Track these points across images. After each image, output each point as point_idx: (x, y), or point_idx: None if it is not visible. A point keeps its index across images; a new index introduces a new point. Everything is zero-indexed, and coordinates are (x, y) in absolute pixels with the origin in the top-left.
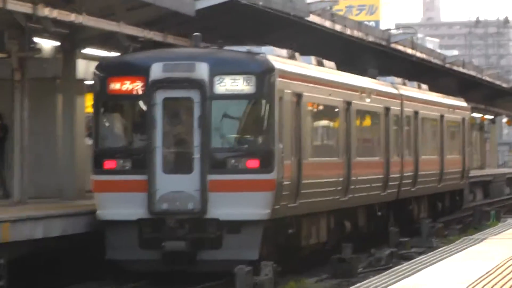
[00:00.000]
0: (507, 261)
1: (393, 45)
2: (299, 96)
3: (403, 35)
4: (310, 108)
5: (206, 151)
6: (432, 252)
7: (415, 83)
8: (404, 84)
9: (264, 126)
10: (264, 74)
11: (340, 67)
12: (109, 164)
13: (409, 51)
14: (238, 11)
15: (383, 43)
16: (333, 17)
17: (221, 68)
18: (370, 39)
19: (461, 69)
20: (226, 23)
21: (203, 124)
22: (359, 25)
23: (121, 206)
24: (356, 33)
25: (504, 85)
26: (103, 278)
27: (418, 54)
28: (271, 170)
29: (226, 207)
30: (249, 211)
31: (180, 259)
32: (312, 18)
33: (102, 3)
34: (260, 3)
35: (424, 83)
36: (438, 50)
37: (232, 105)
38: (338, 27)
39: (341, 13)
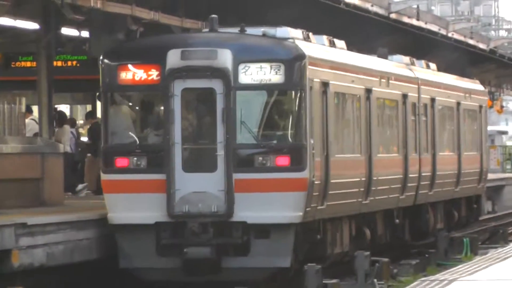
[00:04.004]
0: None
1: None
2: (325, 85)
3: None
4: (335, 98)
5: (231, 147)
6: None
7: (423, 62)
8: (413, 64)
9: (294, 120)
10: (294, 62)
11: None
12: (121, 162)
13: None
14: None
15: None
16: None
17: (246, 55)
18: None
19: (414, 22)
20: None
21: (227, 118)
22: None
23: (136, 209)
24: None
25: (482, 46)
26: None
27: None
28: (303, 168)
29: (254, 209)
30: (280, 214)
31: (203, 267)
32: None
33: None
34: None
35: (354, 42)
36: None
37: (259, 96)
38: None
39: None
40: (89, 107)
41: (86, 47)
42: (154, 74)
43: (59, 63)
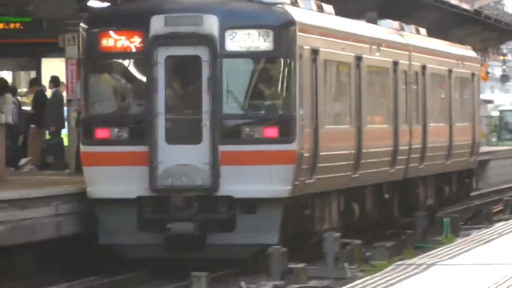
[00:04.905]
0: None
1: None
2: (315, 52)
3: None
4: (325, 66)
5: (217, 117)
6: None
7: (413, 27)
8: (403, 29)
9: (283, 89)
10: (283, 28)
11: None
12: (101, 133)
13: None
14: None
15: None
16: None
17: (233, 21)
18: None
19: None
20: None
21: (213, 87)
22: None
23: (117, 182)
24: None
25: (465, 6)
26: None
27: None
28: (292, 139)
29: (241, 182)
30: (267, 188)
31: (187, 244)
32: None
33: None
34: None
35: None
36: None
37: (246, 64)
38: None
39: None
40: (33, 74)
41: (30, 8)
42: (137, 41)
43: (1, 26)
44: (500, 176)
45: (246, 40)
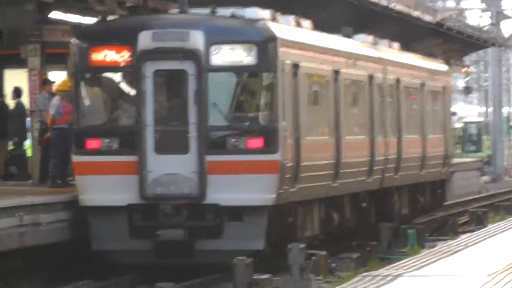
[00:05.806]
0: None
1: None
2: (296, 66)
3: None
4: (305, 80)
5: (203, 129)
6: None
7: (386, 42)
8: (376, 43)
9: (267, 102)
10: (266, 43)
11: None
12: (92, 143)
13: None
14: None
15: None
16: None
17: (218, 36)
18: None
19: None
20: None
21: (199, 100)
22: None
23: (108, 191)
24: None
25: (427, 18)
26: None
27: None
28: (275, 150)
29: (227, 191)
30: (253, 196)
31: (176, 250)
32: None
33: None
34: None
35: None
36: None
37: (231, 78)
38: None
39: None
40: None
41: None
42: (126, 55)
43: None
44: (464, 188)
45: (230, 54)
